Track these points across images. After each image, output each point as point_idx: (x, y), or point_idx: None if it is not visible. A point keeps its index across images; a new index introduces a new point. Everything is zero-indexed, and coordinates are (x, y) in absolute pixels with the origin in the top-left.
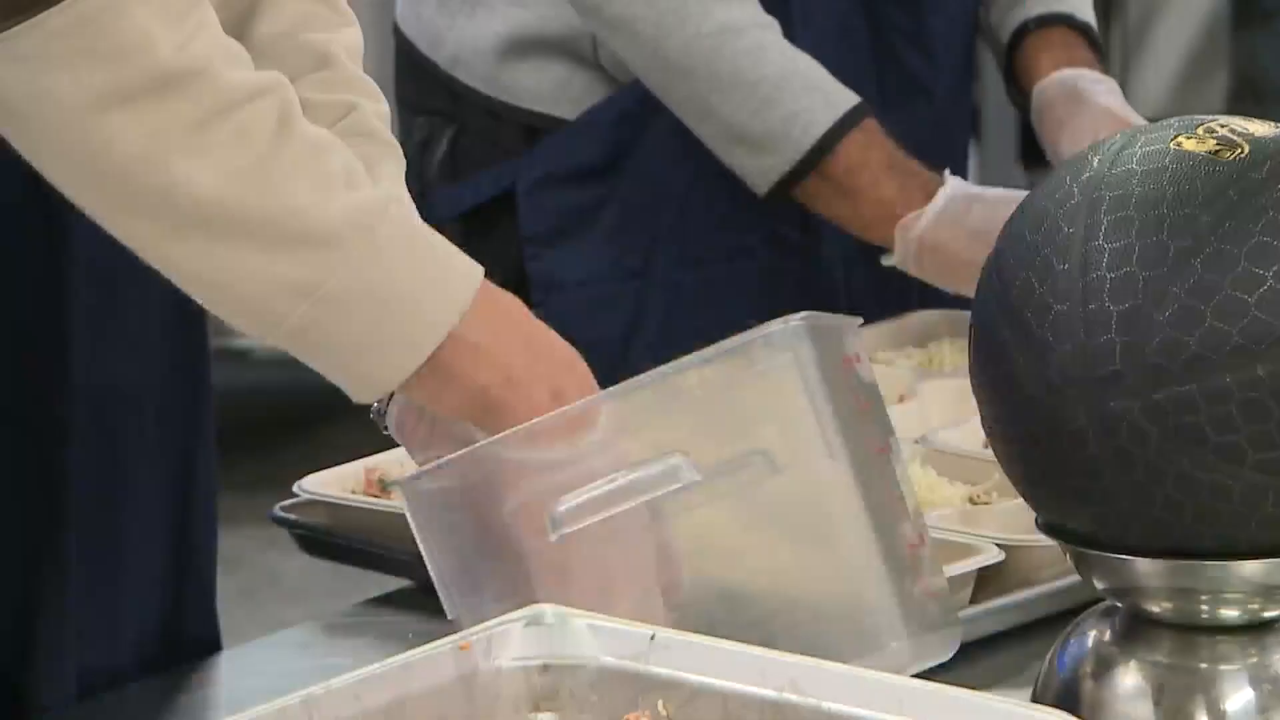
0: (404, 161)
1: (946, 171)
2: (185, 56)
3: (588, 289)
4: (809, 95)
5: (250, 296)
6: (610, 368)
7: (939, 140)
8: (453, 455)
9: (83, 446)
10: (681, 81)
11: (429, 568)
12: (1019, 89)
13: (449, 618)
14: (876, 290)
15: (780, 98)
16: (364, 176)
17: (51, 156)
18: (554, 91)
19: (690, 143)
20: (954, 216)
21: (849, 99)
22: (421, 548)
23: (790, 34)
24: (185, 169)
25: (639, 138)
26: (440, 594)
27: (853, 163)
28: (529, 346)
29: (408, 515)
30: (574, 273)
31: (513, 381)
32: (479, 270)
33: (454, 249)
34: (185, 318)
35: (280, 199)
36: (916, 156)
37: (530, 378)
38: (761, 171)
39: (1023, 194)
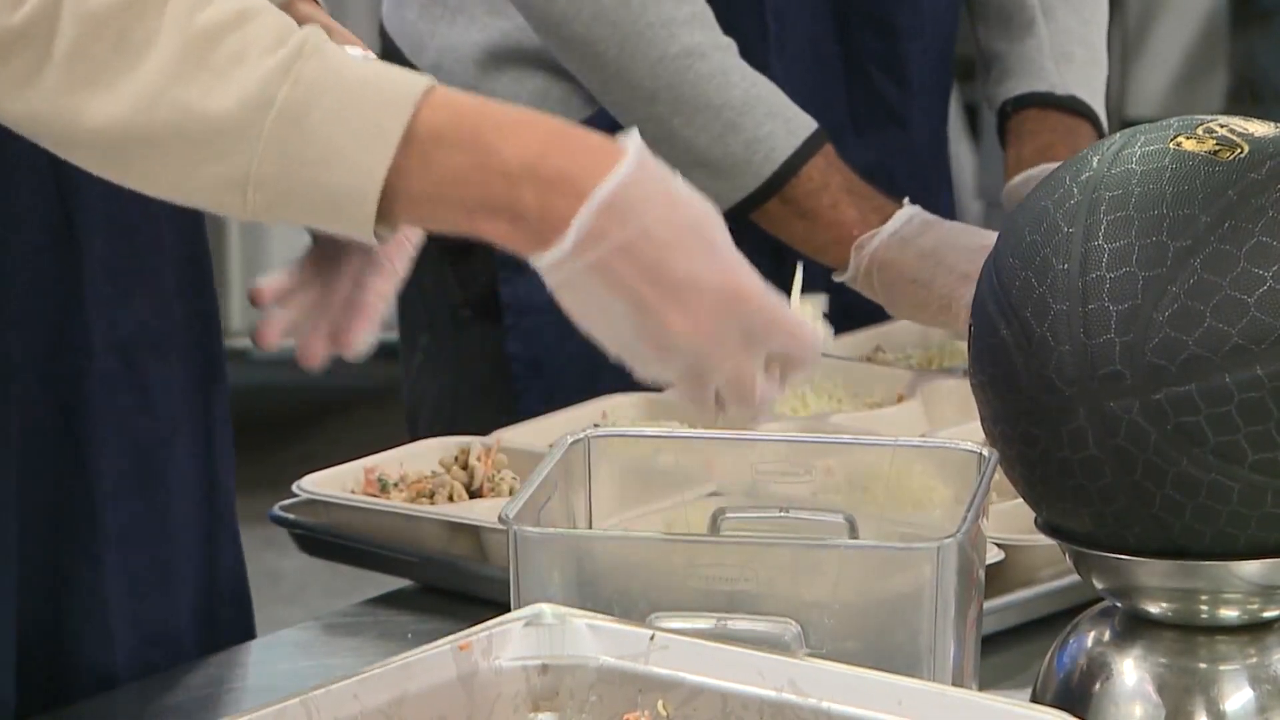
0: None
1: (906, 200)
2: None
3: (560, 312)
4: (771, 121)
5: (200, 197)
6: (580, 392)
7: (912, 166)
8: None
9: (112, 394)
10: (644, 104)
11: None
12: None
13: None
14: (844, 306)
15: (743, 123)
16: (271, 37)
17: None
18: (532, 103)
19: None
20: (906, 238)
21: (808, 125)
22: None
23: (765, 58)
24: (81, 102)
25: None
26: None
27: (813, 186)
28: (481, 167)
29: None
30: (546, 295)
31: (472, 216)
32: (409, 96)
33: (383, 79)
34: (195, 262)
35: (172, 103)
36: (889, 182)
37: (485, 194)
38: (721, 195)
39: (980, 230)
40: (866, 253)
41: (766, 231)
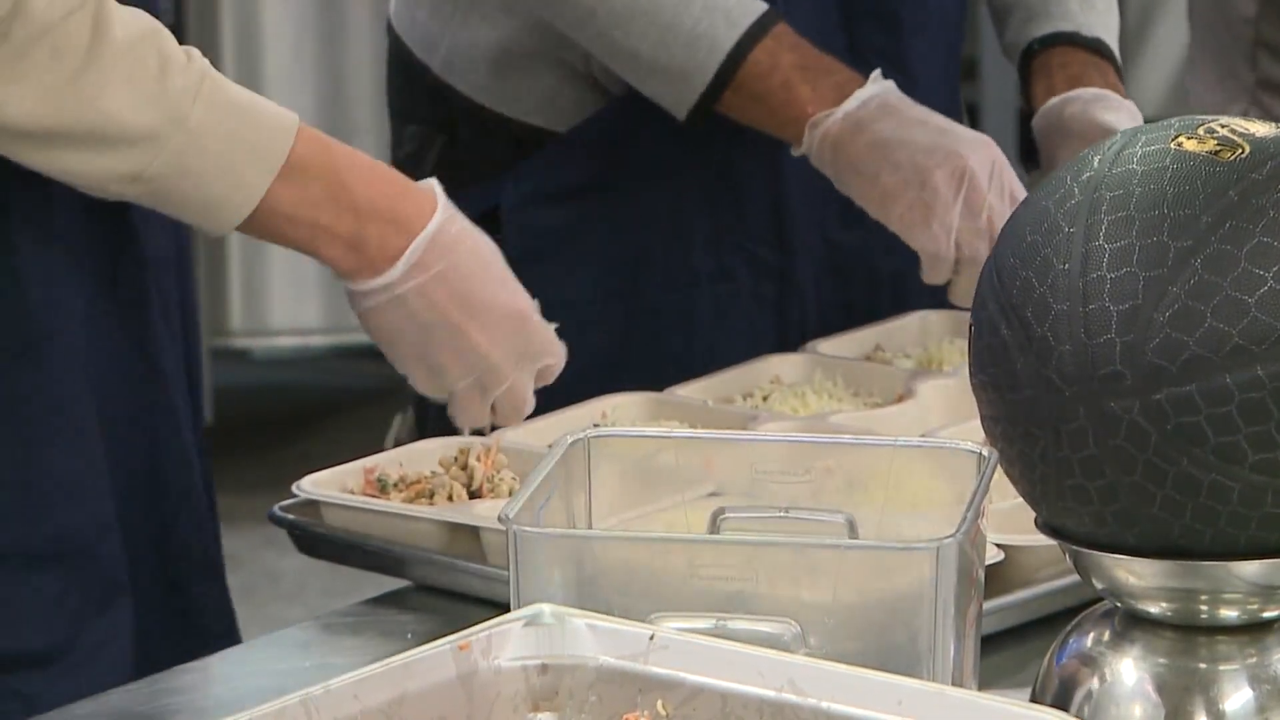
0: None
1: (876, 73)
2: None
3: (574, 310)
4: (709, 16)
5: (89, 184)
6: (580, 392)
7: None
8: None
9: (160, 313)
10: (588, 21)
11: None
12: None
13: None
14: (844, 305)
15: (679, 23)
16: (179, 60)
17: None
18: (544, 103)
19: (672, 163)
20: (861, 121)
21: (753, 10)
22: None
23: None
24: (6, 95)
25: (622, 157)
26: None
27: (761, 69)
28: (335, 201)
29: None
30: (558, 293)
31: (314, 239)
32: (289, 131)
33: (266, 110)
34: None
35: (95, 108)
36: None
37: (327, 238)
38: (676, 99)
39: (941, 122)
40: (819, 131)
41: (767, 183)
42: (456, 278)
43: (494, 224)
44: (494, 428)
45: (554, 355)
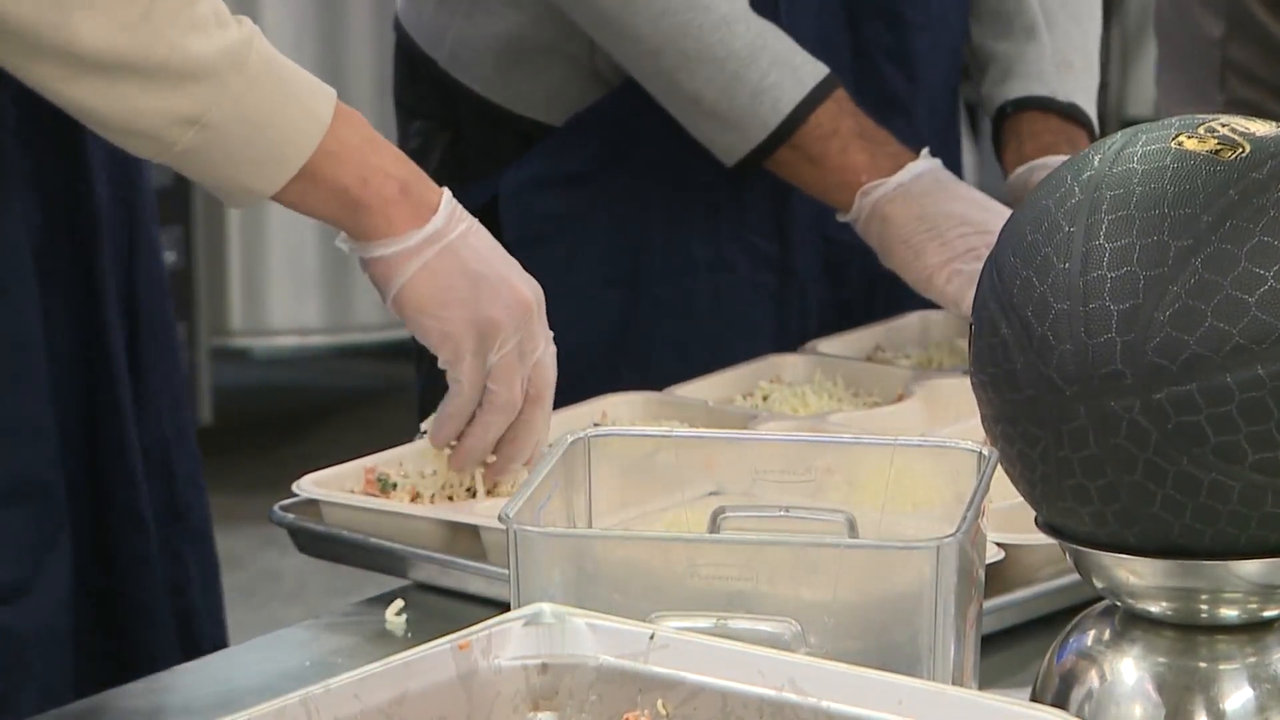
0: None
1: (925, 151)
2: None
3: (574, 297)
4: (777, 70)
5: (144, 127)
6: (597, 377)
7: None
8: None
9: (111, 257)
10: (649, 59)
11: None
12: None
13: None
14: (842, 301)
15: (748, 75)
16: (229, 17)
17: None
18: (549, 96)
19: (671, 152)
20: (912, 193)
21: (818, 72)
22: None
23: None
24: (81, 21)
25: (622, 146)
26: None
27: (822, 132)
28: (377, 150)
29: None
30: (558, 280)
31: (366, 181)
32: (332, 92)
33: (309, 76)
34: None
35: (164, 43)
36: None
37: (381, 177)
38: (729, 146)
39: (991, 201)
40: (869, 200)
41: (776, 179)
42: (484, 233)
43: (492, 214)
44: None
45: (548, 340)
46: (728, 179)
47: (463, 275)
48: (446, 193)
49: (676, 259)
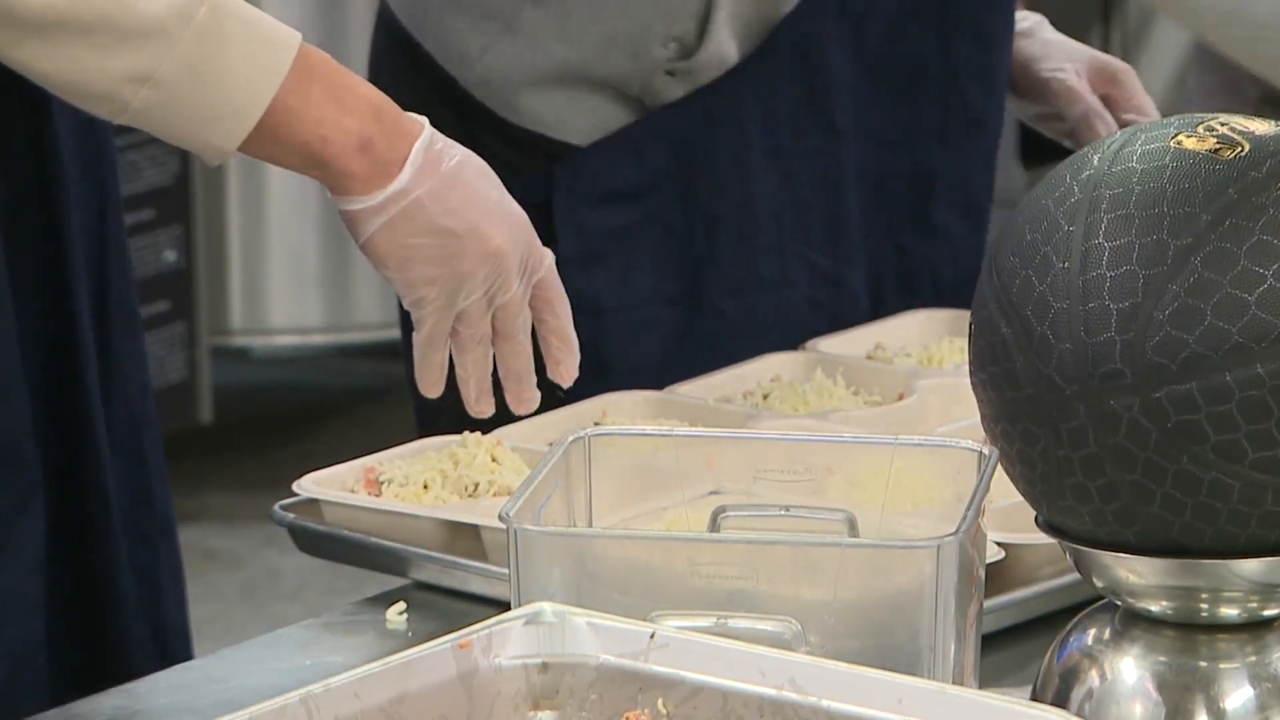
0: None
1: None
2: None
3: (628, 313)
4: None
5: (95, 87)
6: (581, 390)
7: (987, 170)
8: None
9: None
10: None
11: None
12: None
13: None
14: (840, 319)
15: None
16: None
17: None
18: (589, 125)
19: (733, 167)
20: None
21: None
22: None
23: (852, 71)
24: None
25: (682, 160)
26: None
27: None
28: (340, 102)
29: None
30: (612, 297)
31: (325, 139)
32: (296, 39)
33: (271, 22)
34: None
35: (108, 0)
36: (965, 189)
37: (341, 134)
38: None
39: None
40: None
41: (835, 193)
42: (466, 176)
43: (546, 219)
44: (496, 422)
45: (544, 263)
46: (791, 197)
47: (428, 231)
48: (422, 138)
49: (740, 274)
